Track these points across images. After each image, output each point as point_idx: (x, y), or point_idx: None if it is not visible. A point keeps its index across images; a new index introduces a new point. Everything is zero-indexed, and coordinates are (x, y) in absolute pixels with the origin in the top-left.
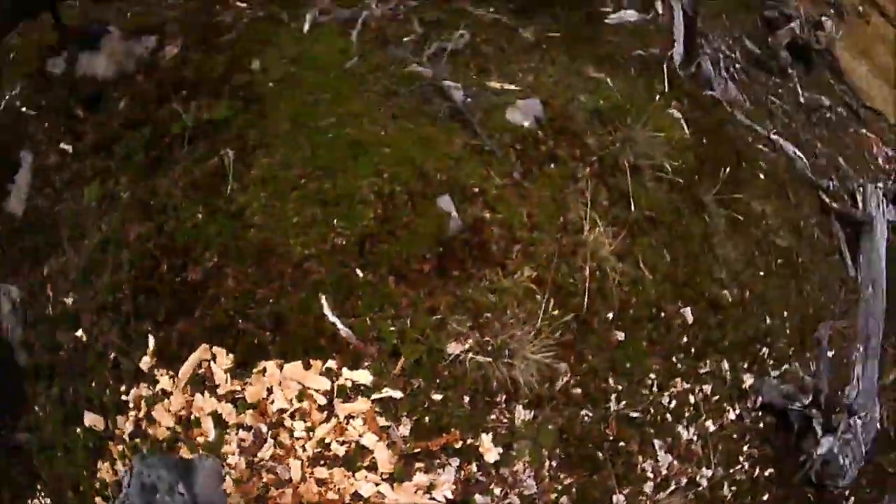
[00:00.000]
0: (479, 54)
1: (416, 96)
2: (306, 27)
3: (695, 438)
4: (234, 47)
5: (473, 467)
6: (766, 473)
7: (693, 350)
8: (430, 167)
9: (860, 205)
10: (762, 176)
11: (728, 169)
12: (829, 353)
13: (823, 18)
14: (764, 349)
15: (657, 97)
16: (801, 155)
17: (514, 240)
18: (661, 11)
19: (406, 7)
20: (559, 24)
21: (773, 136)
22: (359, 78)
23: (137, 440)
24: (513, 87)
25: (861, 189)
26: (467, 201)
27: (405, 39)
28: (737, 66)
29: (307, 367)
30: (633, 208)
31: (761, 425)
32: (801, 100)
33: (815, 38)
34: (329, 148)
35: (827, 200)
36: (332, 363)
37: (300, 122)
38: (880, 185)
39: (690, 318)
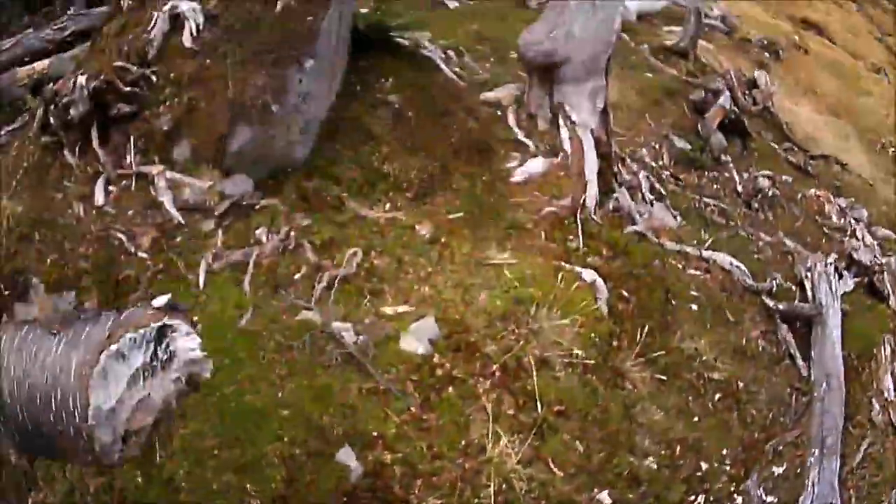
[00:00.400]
0: (373, 273)
1: (309, 347)
2: (201, 282)
3: None
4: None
5: None
6: None
7: None
8: (327, 422)
9: (809, 293)
10: (695, 307)
11: (649, 327)
12: (780, 469)
13: (757, 74)
14: (699, 498)
15: (566, 266)
16: (739, 263)
17: (415, 475)
18: (569, 149)
19: (297, 231)
20: (461, 199)
21: (706, 254)
22: (254, 336)
23: None
24: (407, 307)
25: (809, 274)
26: (367, 447)
27: (296, 277)
28: (665, 174)
29: None
30: (540, 409)
31: None
32: (739, 188)
33: (752, 98)
34: (234, 416)
35: (771, 304)
36: None
37: (207, 392)
38: (831, 259)
39: (608, 502)
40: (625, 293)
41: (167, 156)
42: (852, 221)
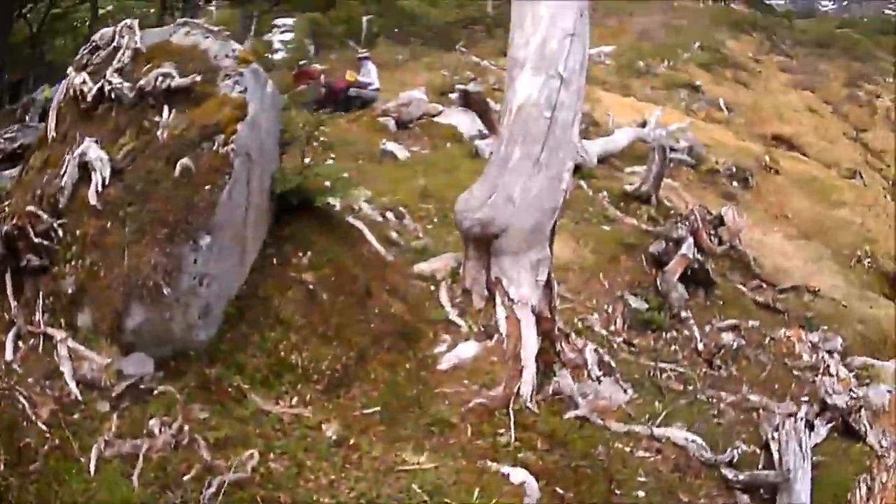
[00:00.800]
0: (269, 479)
1: None
2: (92, 467)
3: None
4: (40, 480)
5: None
6: None
7: None
8: None
9: (776, 455)
10: (642, 494)
11: None
12: None
13: (724, 210)
14: None
15: (492, 467)
16: (695, 437)
17: None
18: (505, 331)
19: (192, 424)
20: (380, 390)
21: (658, 431)
22: None
23: None
24: None
25: (776, 435)
26: None
27: (186, 477)
28: (617, 341)
29: None
30: None
31: None
32: (700, 346)
33: (718, 238)
34: None
35: (731, 476)
36: None
37: None
38: (802, 414)
39: None
40: (560, 490)
41: (72, 320)
42: (825, 356)
